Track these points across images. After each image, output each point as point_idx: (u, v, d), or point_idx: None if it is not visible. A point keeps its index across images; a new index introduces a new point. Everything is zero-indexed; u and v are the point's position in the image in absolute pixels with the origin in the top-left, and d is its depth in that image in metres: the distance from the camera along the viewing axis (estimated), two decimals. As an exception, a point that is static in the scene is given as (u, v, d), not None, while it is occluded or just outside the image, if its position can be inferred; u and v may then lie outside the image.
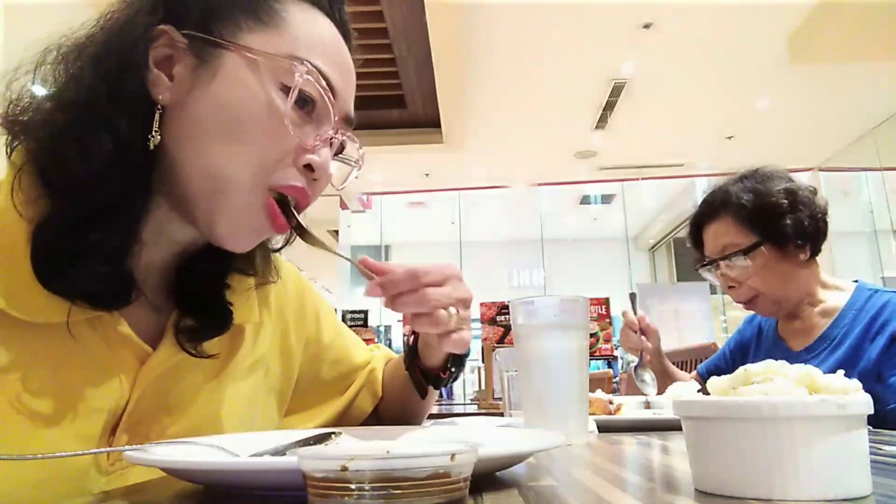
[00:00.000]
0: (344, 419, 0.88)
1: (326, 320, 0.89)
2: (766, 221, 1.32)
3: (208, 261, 0.68)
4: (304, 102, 0.60)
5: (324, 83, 0.61)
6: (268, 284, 0.78)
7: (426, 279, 0.65)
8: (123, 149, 0.56)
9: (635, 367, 1.51)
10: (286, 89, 0.59)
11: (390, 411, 0.92)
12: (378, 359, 0.96)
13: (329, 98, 0.61)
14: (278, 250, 0.77)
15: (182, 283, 0.68)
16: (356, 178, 0.75)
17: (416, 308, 0.66)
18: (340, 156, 0.70)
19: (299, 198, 0.62)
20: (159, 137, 0.57)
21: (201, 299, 0.67)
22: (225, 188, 0.58)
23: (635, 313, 1.57)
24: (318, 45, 0.62)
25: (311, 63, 0.60)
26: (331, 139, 0.63)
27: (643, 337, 1.54)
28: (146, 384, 0.60)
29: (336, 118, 0.63)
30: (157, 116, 0.58)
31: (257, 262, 0.74)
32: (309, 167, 0.61)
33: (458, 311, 0.67)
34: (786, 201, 1.31)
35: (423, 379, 0.83)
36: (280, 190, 0.60)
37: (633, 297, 1.64)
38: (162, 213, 0.62)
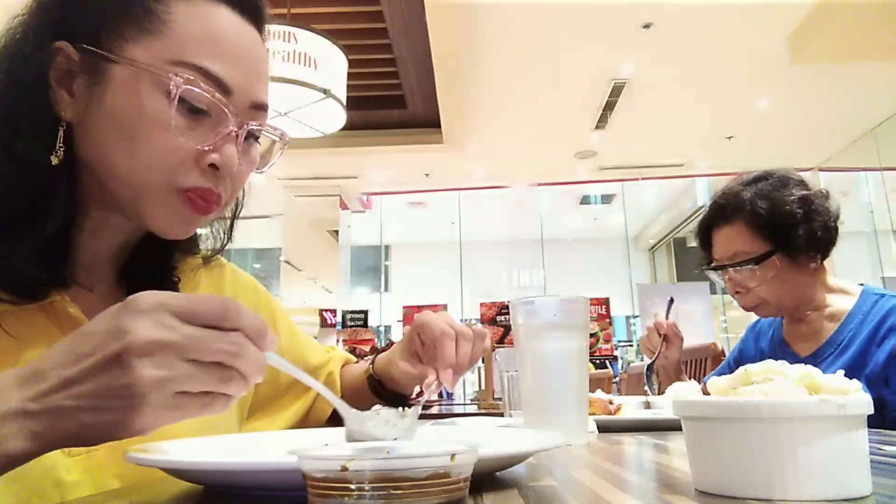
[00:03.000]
0: (306, 422, 0.90)
1: (282, 325, 0.91)
2: (780, 231, 1.30)
3: (152, 245, 0.71)
4: (193, 106, 0.61)
5: (209, 83, 0.61)
6: (213, 265, 0.81)
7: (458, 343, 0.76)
8: (27, 166, 0.59)
9: (648, 366, 1.52)
10: (169, 97, 0.59)
11: None
12: (335, 361, 0.97)
13: (218, 97, 0.61)
14: (220, 250, 0.80)
15: (130, 268, 0.71)
16: (280, 152, 0.73)
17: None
18: (265, 133, 0.70)
19: (207, 196, 0.63)
20: (63, 153, 0.60)
21: (149, 278, 0.71)
22: (139, 194, 0.61)
23: (668, 318, 1.58)
24: (205, 41, 0.61)
25: (196, 64, 0.60)
26: (235, 133, 0.63)
27: (664, 343, 1.55)
28: None
29: (234, 111, 0.62)
30: (60, 133, 0.60)
31: (200, 241, 0.78)
32: (214, 166, 0.62)
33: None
34: (801, 211, 1.29)
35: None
36: (187, 191, 0.62)
37: (671, 302, 1.65)
38: (98, 212, 0.65)
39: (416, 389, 0.89)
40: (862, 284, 1.38)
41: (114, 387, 0.42)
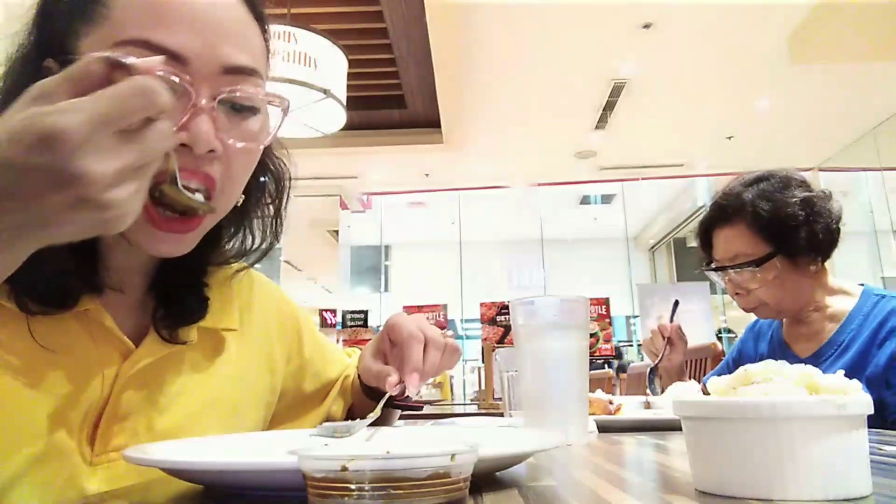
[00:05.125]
0: None
1: (307, 334, 0.90)
2: (782, 233, 1.29)
3: (183, 258, 0.68)
4: None
5: (157, 56, 0.54)
6: (243, 281, 0.80)
7: (427, 345, 0.75)
8: None
9: (651, 369, 1.52)
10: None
11: (360, 416, 0.93)
12: (352, 366, 0.97)
13: (168, 70, 0.54)
14: (255, 262, 0.78)
15: (162, 280, 0.70)
16: (283, 118, 0.65)
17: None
18: (267, 98, 0.64)
19: (187, 177, 0.56)
20: None
21: (179, 292, 0.69)
22: None
23: (672, 320, 1.58)
24: (147, 12, 0.56)
25: (139, 39, 0.55)
26: (204, 105, 0.57)
27: (668, 346, 1.55)
28: (127, 378, 0.62)
29: (195, 80, 0.57)
30: None
31: (233, 250, 0.75)
32: (184, 146, 0.56)
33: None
34: (802, 213, 1.28)
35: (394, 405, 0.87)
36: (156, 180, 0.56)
37: (676, 304, 1.65)
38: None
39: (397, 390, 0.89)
40: (862, 285, 1.38)
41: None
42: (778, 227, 1.29)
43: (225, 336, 0.74)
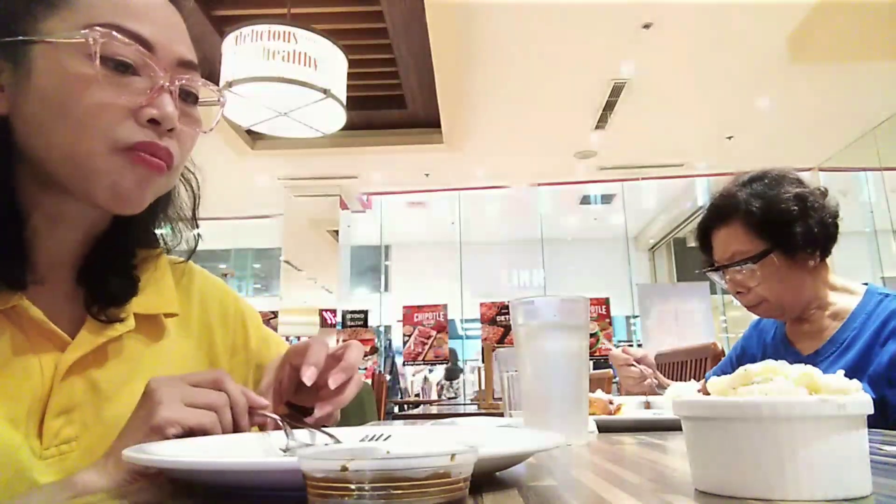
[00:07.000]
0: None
1: (253, 327, 0.90)
2: (776, 229, 1.30)
3: (111, 239, 0.72)
4: (119, 64, 0.61)
5: (128, 39, 0.61)
6: (184, 269, 0.82)
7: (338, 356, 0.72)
8: None
9: (657, 387, 1.53)
10: (91, 58, 0.60)
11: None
12: None
13: (141, 50, 0.62)
14: (190, 255, 0.81)
15: (90, 267, 0.71)
16: (222, 114, 0.75)
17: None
18: (202, 98, 0.71)
19: (154, 151, 0.63)
20: None
21: (108, 276, 0.70)
22: (85, 165, 0.61)
23: (615, 346, 1.60)
24: (119, 4, 0.63)
25: (111, 23, 0.61)
26: (168, 87, 0.64)
27: (641, 367, 1.55)
28: (67, 369, 0.63)
29: (162, 67, 0.63)
30: None
31: (160, 234, 0.78)
32: (154, 121, 0.63)
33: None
34: (796, 208, 1.29)
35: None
36: (130, 146, 0.62)
37: (610, 337, 1.67)
38: (50, 203, 0.65)
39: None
40: (866, 284, 1.38)
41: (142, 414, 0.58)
42: (772, 222, 1.31)
43: (165, 323, 0.75)
